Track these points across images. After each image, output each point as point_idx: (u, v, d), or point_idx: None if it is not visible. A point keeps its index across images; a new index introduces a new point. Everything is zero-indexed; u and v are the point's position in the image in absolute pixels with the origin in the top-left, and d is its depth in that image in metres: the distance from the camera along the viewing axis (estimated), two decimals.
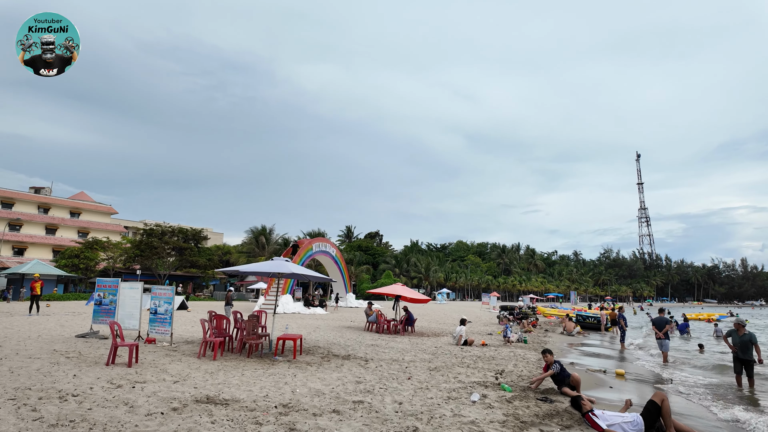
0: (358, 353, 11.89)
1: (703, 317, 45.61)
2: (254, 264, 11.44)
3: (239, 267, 11.08)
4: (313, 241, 36.74)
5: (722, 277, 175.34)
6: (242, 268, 11.01)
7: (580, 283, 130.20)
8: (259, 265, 11.16)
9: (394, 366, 10.11)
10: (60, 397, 6.30)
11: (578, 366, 11.89)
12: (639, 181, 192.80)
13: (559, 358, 10.75)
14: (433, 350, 13.13)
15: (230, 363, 9.66)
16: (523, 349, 14.34)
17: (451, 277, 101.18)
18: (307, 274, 11.21)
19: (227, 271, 11.35)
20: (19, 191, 63.08)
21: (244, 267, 11.03)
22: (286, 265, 10.86)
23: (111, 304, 12.68)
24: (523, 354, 13.05)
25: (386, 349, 13.01)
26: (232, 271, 11.10)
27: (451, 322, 26.70)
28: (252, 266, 11.14)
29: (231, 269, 11.09)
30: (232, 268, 11.14)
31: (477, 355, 12.49)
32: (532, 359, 12.13)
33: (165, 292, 11.98)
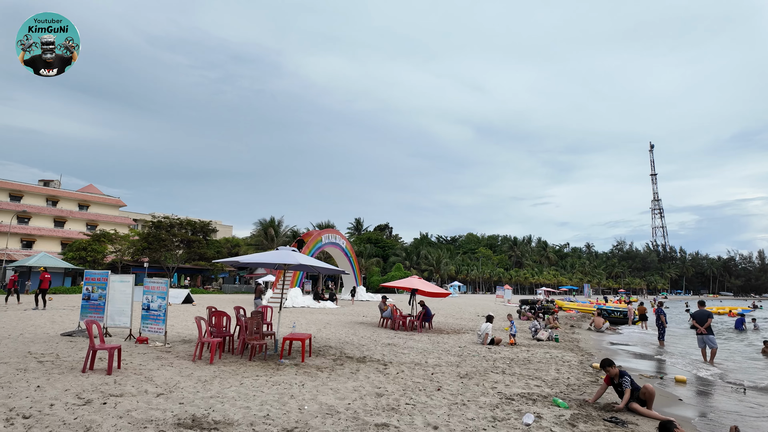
0: (375, 354, 10.52)
1: (724, 311, 43.55)
2: (257, 254, 10.09)
3: (240, 257, 9.73)
4: (323, 232, 35.31)
5: (738, 270, 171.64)
6: (244, 259, 9.67)
7: (593, 276, 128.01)
8: (263, 256, 9.80)
9: (417, 372, 8.72)
10: (7, 418, 4.98)
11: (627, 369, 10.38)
12: (652, 171, 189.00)
13: None
14: (458, 351, 11.71)
15: (229, 368, 8.34)
16: (559, 350, 12.86)
17: (462, 269, 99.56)
18: (315, 265, 9.83)
19: (228, 262, 10.02)
20: (28, 183, 62.60)
21: (247, 257, 9.68)
22: (292, 254, 9.48)
23: (100, 299, 11.42)
24: (561, 356, 11.58)
25: (405, 349, 11.62)
26: (232, 261, 9.76)
27: (468, 317, 25.26)
28: (255, 256, 9.78)
29: (231, 259, 9.74)
30: (232, 258, 9.79)
31: (508, 357, 11.05)
32: (574, 362, 10.65)
33: (158, 285, 10.68)
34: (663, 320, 16.57)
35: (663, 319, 16.59)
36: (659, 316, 16.56)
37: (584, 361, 10.97)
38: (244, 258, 9.68)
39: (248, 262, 9.52)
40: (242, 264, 9.76)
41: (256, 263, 9.60)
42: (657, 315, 16.81)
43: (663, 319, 16.59)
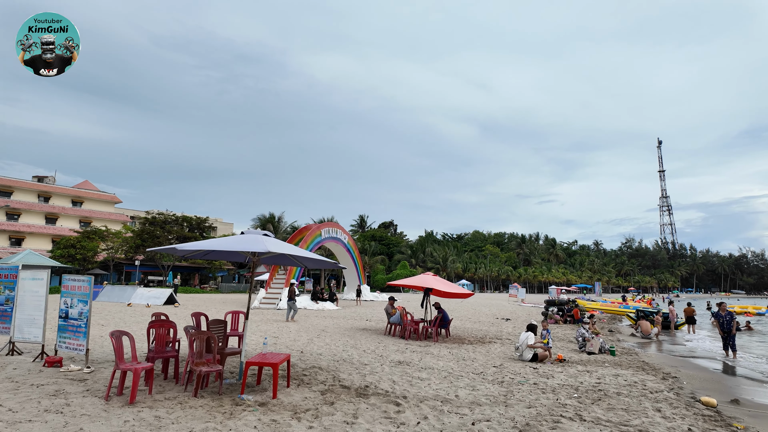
0: (382, 382, 7.45)
1: (737, 310, 39.94)
2: (215, 240, 6.97)
3: (195, 243, 6.66)
4: (322, 226, 32.08)
5: (750, 267, 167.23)
6: (185, 246, 6.60)
7: (603, 274, 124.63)
8: (222, 242, 6.73)
9: (450, 419, 5.62)
10: None
11: (750, 400, 7.26)
12: (660, 168, 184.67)
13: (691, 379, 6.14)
14: (495, 373, 8.61)
15: (156, 411, 5.32)
16: (626, 368, 9.66)
17: (469, 267, 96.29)
18: (295, 254, 6.76)
19: (163, 250, 6.98)
20: (19, 179, 59.87)
21: (192, 244, 6.61)
22: (261, 240, 6.42)
23: (8, 303, 8.41)
24: (641, 381, 8.33)
25: (423, 371, 8.53)
26: (168, 249, 6.70)
27: (486, 319, 22.14)
28: (205, 243, 6.67)
29: (167, 248, 6.68)
30: (169, 246, 6.72)
31: (569, 383, 7.92)
32: (666, 393, 7.42)
33: (79, 284, 7.63)
34: (735, 326, 13.35)
35: (736, 325, 13.39)
36: (730, 321, 13.28)
37: (677, 389, 7.82)
38: (187, 245, 6.62)
39: (189, 249, 6.48)
40: (181, 252, 6.72)
41: (204, 250, 6.58)
42: (724, 319, 13.52)
43: (736, 325, 13.39)
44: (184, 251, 6.62)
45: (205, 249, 6.33)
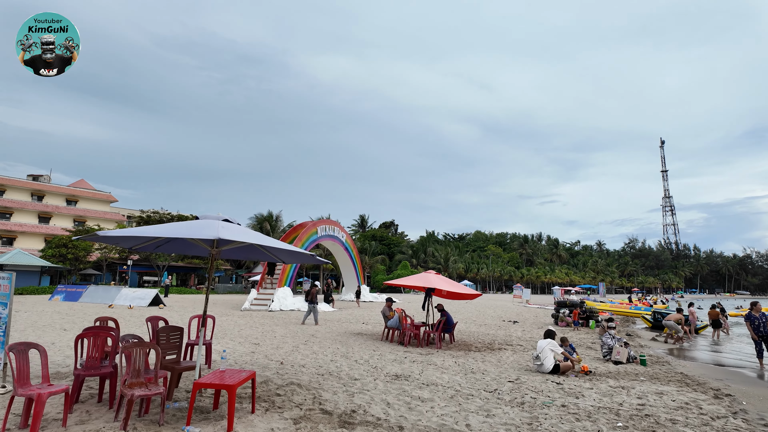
0: (373, 404, 5.96)
1: (744, 312, 38.19)
2: (153, 226, 5.41)
3: (122, 230, 5.18)
4: (319, 223, 30.42)
5: (755, 268, 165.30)
6: (120, 232, 5.12)
7: (606, 274, 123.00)
8: (164, 228, 5.22)
9: None
10: None
11: None
12: (663, 168, 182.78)
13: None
14: (512, 391, 7.11)
15: None
16: (666, 383, 8.14)
17: (471, 267, 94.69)
18: (266, 245, 5.25)
19: (89, 239, 5.51)
20: (12, 177, 58.48)
21: (131, 230, 5.12)
22: (215, 225, 4.94)
23: None
24: (693, 401, 6.83)
25: (424, 388, 7.04)
26: (111, 238, 5.23)
27: (493, 322, 20.62)
28: (142, 230, 5.15)
29: (107, 232, 5.21)
30: (104, 232, 5.23)
31: (607, 406, 6.40)
32: (722, 414, 5.98)
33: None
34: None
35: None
36: (765, 322, 11.63)
37: (740, 412, 6.31)
38: (111, 232, 5.11)
39: (127, 235, 5.01)
40: (105, 240, 5.23)
41: (134, 237, 5.11)
42: (759, 321, 11.87)
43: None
44: (108, 237, 5.15)
45: (136, 236, 4.84)
